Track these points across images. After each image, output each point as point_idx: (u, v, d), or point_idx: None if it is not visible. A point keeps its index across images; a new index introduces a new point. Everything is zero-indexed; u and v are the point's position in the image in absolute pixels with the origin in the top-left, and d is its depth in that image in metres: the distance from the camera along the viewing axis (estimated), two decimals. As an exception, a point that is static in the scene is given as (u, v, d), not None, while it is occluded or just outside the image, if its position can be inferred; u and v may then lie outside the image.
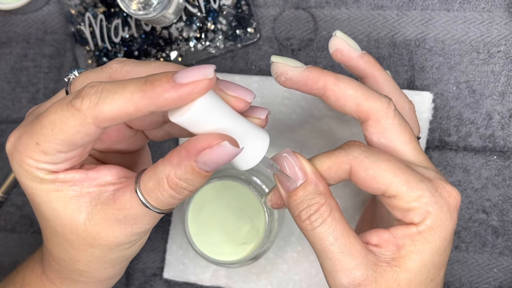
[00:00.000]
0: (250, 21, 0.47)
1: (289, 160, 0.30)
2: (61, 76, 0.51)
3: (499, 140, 0.45)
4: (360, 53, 0.35)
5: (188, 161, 0.27)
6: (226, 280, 0.47)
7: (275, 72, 0.32)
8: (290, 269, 0.47)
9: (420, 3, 0.45)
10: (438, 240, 0.30)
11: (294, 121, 0.46)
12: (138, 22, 0.49)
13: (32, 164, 0.29)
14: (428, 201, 0.29)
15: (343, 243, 0.29)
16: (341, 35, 0.35)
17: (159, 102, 0.25)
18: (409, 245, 0.30)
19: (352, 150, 0.30)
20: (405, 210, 0.30)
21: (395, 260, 0.30)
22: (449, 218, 0.30)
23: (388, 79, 0.36)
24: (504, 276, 0.45)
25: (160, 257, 0.49)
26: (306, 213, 0.30)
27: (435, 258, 0.30)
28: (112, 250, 0.31)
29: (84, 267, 0.33)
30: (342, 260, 0.29)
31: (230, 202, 0.41)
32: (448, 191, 0.30)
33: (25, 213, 0.52)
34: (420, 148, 0.32)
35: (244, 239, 0.41)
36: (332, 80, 0.31)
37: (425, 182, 0.30)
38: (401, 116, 0.32)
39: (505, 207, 0.45)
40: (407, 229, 0.30)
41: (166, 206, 0.29)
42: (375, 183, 0.30)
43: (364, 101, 0.31)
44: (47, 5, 0.51)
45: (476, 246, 0.45)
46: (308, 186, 0.30)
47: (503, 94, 0.44)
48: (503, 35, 0.44)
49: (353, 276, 0.29)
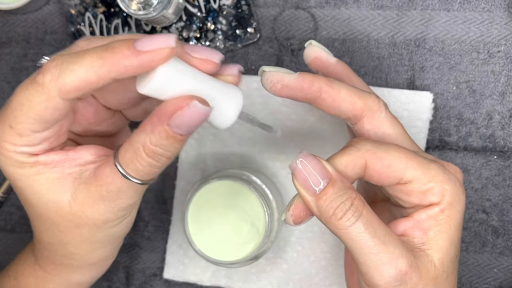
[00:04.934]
0: (250, 21, 0.47)
1: (307, 164, 0.29)
2: (61, 76, 0.51)
3: (499, 140, 0.45)
4: (335, 59, 0.36)
5: (161, 126, 0.27)
6: (226, 280, 0.47)
7: (270, 81, 0.32)
8: (290, 269, 0.47)
9: (420, 3, 0.45)
10: (458, 214, 0.31)
11: (294, 121, 0.46)
12: (138, 22, 0.49)
13: (11, 149, 0.29)
14: (442, 179, 0.30)
15: (383, 234, 0.29)
16: (316, 44, 0.36)
17: (120, 69, 0.26)
18: (435, 226, 0.30)
19: (362, 144, 0.31)
20: (423, 192, 0.30)
21: (425, 244, 0.30)
22: (462, 192, 0.31)
23: (362, 82, 0.37)
24: (504, 276, 0.45)
25: (160, 257, 0.49)
26: (342, 210, 0.29)
27: (459, 233, 0.31)
28: (100, 228, 0.31)
29: (74, 249, 0.33)
30: (386, 251, 0.28)
31: (230, 202, 0.41)
32: (453, 168, 0.32)
33: (25, 213, 0.51)
34: (411, 137, 0.34)
35: (244, 239, 0.41)
36: (325, 82, 0.32)
37: (434, 162, 0.31)
38: (389, 109, 0.33)
39: (505, 207, 0.45)
40: (429, 210, 0.30)
41: (146, 176, 0.29)
42: (392, 171, 0.30)
43: (358, 98, 0.32)
44: (47, 5, 0.51)
45: (476, 246, 0.45)
46: (336, 184, 0.29)
47: (503, 94, 0.44)
48: (503, 35, 0.44)
49: (400, 265, 0.28)
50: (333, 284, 0.46)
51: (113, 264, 0.50)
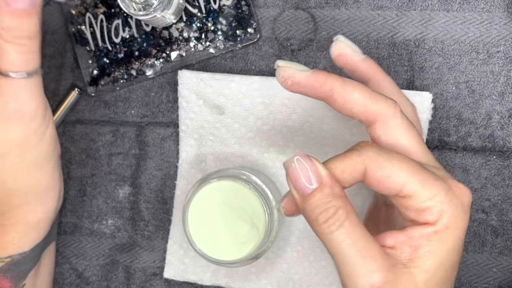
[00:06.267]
0: (250, 21, 0.48)
1: (303, 164, 0.30)
2: (61, 76, 0.51)
3: (499, 140, 0.45)
4: (363, 57, 0.35)
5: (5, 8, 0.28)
6: (226, 280, 0.47)
7: (281, 76, 0.32)
8: (290, 269, 0.47)
9: (420, 4, 0.45)
10: (454, 238, 0.29)
11: (294, 121, 0.46)
12: (139, 23, 0.49)
13: None
14: (442, 200, 0.29)
15: (362, 246, 0.29)
16: (343, 39, 0.35)
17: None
18: (425, 245, 0.29)
19: (366, 150, 0.30)
20: (420, 209, 0.29)
21: (412, 261, 0.29)
22: (463, 217, 0.30)
23: (390, 82, 0.36)
24: (503, 276, 0.45)
25: (160, 256, 0.49)
26: (324, 217, 0.29)
27: (452, 257, 0.30)
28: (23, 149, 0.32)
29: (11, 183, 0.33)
30: (361, 264, 0.29)
31: (230, 202, 0.41)
32: (461, 189, 0.30)
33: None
34: (427, 148, 0.32)
35: (244, 239, 0.41)
36: (339, 83, 0.31)
37: (439, 180, 0.29)
38: (407, 117, 0.32)
39: (505, 207, 0.45)
40: (423, 229, 0.29)
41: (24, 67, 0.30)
42: (391, 182, 0.29)
43: (371, 103, 0.31)
44: (47, 5, 0.51)
45: (475, 246, 0.45)
46: (324, 189, 0.29)
47: (502, 94, 0.45)
48: (503, 35, 0.45)
49: (373, 279, 0.28)
50: (333, 283, 0.46)
51: (112, 263, 0.50)
